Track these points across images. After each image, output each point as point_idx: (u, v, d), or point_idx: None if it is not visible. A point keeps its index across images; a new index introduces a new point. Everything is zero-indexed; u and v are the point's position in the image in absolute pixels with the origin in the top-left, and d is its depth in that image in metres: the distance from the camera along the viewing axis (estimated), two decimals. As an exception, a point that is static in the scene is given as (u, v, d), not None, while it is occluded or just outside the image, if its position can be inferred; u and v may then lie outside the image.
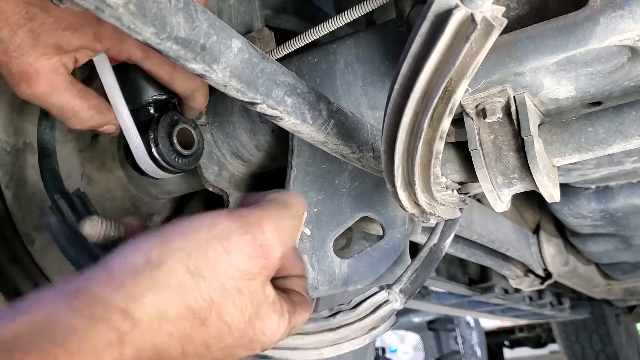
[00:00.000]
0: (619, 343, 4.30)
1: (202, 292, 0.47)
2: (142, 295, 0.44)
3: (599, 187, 1.64)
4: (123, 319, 0.43)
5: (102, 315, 0.43)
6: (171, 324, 0.46)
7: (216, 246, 0.48)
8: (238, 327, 0.50)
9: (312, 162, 0.82)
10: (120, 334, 0.43)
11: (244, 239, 0.49)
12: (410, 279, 0.80)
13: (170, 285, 0.46)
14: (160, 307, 0.45)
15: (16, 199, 0.84)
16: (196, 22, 0.48)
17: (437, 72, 0.50)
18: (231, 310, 0.49)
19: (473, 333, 6.65)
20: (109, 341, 0.42)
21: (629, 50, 0.64)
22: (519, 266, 2.07)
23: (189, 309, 0.46)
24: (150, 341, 0.45)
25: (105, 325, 0.42)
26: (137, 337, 0.44)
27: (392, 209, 0.94)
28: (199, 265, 0.47)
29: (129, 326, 0.43)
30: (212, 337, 0.49)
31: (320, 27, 0.76)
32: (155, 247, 0.47)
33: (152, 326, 0.45)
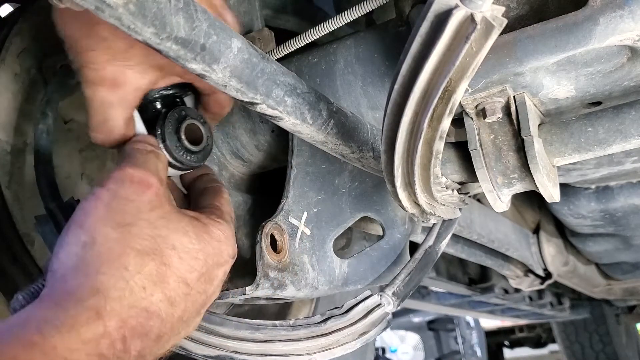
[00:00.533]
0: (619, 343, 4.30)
1: (142, 234, 0.51)
2: (100, 268, 0.48)
3: (599, 187, 1.64)
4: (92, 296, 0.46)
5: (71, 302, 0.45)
6: (138, 276, 0.49)
7: (116, 203, 0.53)
8: (194, 246, 0.54)
9: (312, 162, 0.82)
10: (96, 309, 0.45)
11: (127, 184, 0.55)
12: (403, 282, 0.80)
13: (110, 248, 0.49)
14: (118, 267, 0.48)
15: (16, 199, 0.84)
16: (196, 22, 0.48)
17: (437, 72, 0.50)
18: (173, 237, 0.53)
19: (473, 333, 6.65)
20: (86, 318, 0.45)
21: (628, 50, 0.64)
22: (519, 266, 2.07)
23: (140, 253, 0.50)
24: (130, 303, 0.48)
25: (78, 307, 0.45)
26: (114, 305, 0.46)
27: (392, 209, 0.94)
28: (118, 219, 0.52)
29: (101, 300, 0.46)
30: (181, 269, 0.52)
31: (320, 27, 0.76)
32: (79, 232, 0.51)
33: (122, 290, 0.47)
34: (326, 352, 0.70)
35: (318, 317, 0.72)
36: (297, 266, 0.75)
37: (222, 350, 0.65)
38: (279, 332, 0.69)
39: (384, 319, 0.76)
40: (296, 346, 0.68)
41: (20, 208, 0.85)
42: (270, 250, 0.71)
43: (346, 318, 0.73)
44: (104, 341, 0.45)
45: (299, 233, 0.77)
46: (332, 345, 0.71)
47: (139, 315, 0.48)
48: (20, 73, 0.84)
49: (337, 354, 0.71)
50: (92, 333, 0.45)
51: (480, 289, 2.56)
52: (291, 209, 0.77)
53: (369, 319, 0.74)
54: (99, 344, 0.45)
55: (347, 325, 0.72)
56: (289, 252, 0.74)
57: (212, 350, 0.64)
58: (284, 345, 0.68)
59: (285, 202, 0.76)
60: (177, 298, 0.52)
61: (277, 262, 0.72)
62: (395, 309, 0.77)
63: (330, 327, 0.71)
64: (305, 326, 0.70)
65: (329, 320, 0.72)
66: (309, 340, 0.69)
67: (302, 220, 0.78)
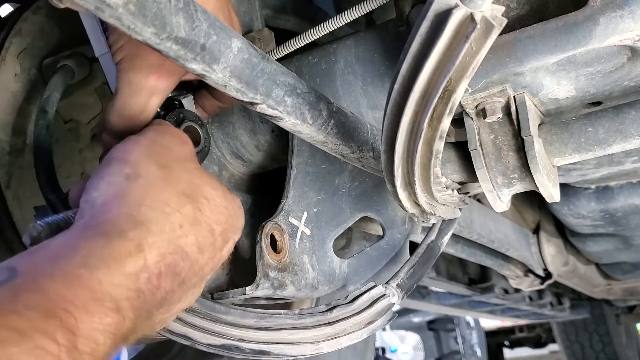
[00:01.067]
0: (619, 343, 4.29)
1: (178, 176, 0.53)
2: (141, 200, 0.49)
3: (599, 187, 1.64)
4: (135, 227, 0.46)
5: (114, 232, 0.45)
6: (177, 214, 0.50)
7: (157, 147, 0.55)
8: (222, 203, 0.56)
9: (312, 162, 0.82)
10: (138, 241, 0.45)
11: (166, 136, 0.58)
12: (407, 274, 0.80)
13: (155, 182, 0.51)
14: (160, 202, 0.49)
15: (16, 199, 0.84)
16: (196, 22, 0.48)
17: (436, 72, 0.50)
18: (207, 189, 0.55)
19: (473, 333, 6.65)
20: (128, 251, 0.44)
21: (629, 50, 0.64)
22: (519, 266, 2.07)
23: (181, 193, 0.52)
24: (168, 238, 0.48)
25: (120, 239, 0.45)
26: (155, 239, 0.47)
27: (392, 209, 0.94)
28: (161, 161, 0.54)
29: (144, 232, 0.46)
30: (210, 219, 0.54)
31: (320, 27, 0.76)
32: (122, 166, 0.52)
33: (163, 224, 0.48)
34: (333, 340, 0.69)
35: (323, 306, 0.72)
36: (297, 266, 0.75)
37: (228, 339, 0.64)
38: (285, 320, 0.68)
39: (389, 309, 0.76)
40: (302, 335, 0.68)
41: (20, 208, 0.85)
42: (270, 250, 0.71)
43: (352, 307, 0.72)
44: (143, 275, 0.45)
45: (299, 233, 0.77)
46: (339, 334, 0.70)
47: (175, 252, 0.49)
48: (20, 73, 0.84)
49: (343, 343, 0.70)
50: (134, 266, 0.45)
51: (480, 289, 2.56)
52: (291, 209, 0.77)
53: (375, 309, 0.74)
54: (138, 279, 0.45)
55: (353, 314, 0.72)
56: (289, 252, 0.74)
57: (217, 339, 0.64)
58: (290, 333, 0.67)
59: (285, 202, 0.76)
60: (205, 245, 0.53)
61: (277, 262, 0.72)
62: (399, 300, 0.77)
63: (336, 316, 0.71)
64: (311, 315, 0.70)
65: (335, 309, 0.71)
66: (315, 329, 0.69)
67: (302, 220, 0.78)
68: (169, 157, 0.55)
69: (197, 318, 0.65)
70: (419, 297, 2.96)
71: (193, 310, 0.66)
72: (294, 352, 0.67)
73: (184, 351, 1.28)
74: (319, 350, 0.68)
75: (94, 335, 0.40)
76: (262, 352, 0.66)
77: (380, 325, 0.74)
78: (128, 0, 0.43)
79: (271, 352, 0.66)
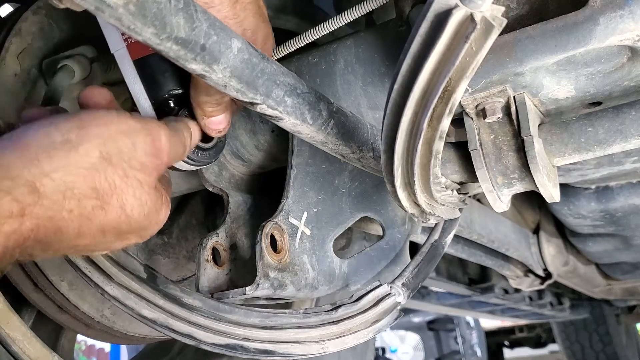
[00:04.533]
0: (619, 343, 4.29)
1: (107, 176, 0.52)
2: (54, 170, 0.49)
3: (599, 187, 1.64)
4: (28, 192, 0.47)
5: (8, 187, 0.46)
6: (74, 202, 0.50)
7: (125, 139, 0.54)
8: (137, 220, 0.56)
9: (312, 162, 0.82)
10: (23, 207, 0.46)
11: (146, 139, 0.56)
12: (412, 274, 0.80)
13: (82, 165, 0.51)
14: (68, 184, 0.49)
15: (16, 199, 0.84)
16: (196, 23, 0.48)
17: (436, 72, 0.50)
18: (131, 201, 0.54)
19: (473, 333, 6.65)
20: (9, 212, 0.45)
21: (628, 50, 0.64)
22: (519, 266, 2.07)
23: (93, 190, 0.51)
24: (51, 215, 0.48)
25: (9, 197, 0.46)
26: (38, 210, 0.47)
27: (392, 209, 0.94)
28: (110, 152, 0.53)
29: (32, 200, 0.47)
30: (109, 224, 0.53)
31: (320, 27, 0.76)
32: (75, 129, 0.52)
33: (55, 202, 0.48)
34: (338, 340, 0.69)
35: (328, 305, 0.72)
36: (297, 266, 0.75)
37: (232, 338, 0.64)
38: (290, 319, 0.68)
39: (394, 308, 0.75)
40: (308, 334, 0.68)
41: (20, 208, 0.85)
42: (270, 251, 0.71)
43: (357, 306, 0.72)
44: (13, 237, 0.46)
45: (299, 233, 0.77)
46: (345, 333, 0.70)
47: (50, 227, 0.49)
48: (20, 73, 0.84)
49: (349, 343, 0.69)
50: (10, 227, 0.46)
51: (480, 289, 2.56)
52: (291, 209, 0.77)
53: (380, 308, 0.73)
54: (8, 238, 0.46)
55: (358, 313, 0.71)
56: (289, 252, 0.74)
57: (222, 339, 0.64)
58: (295, 332, 0.67)
59: (285, 202, 0.76)
60: (87, 235, 0.53)
61: (277, 262, 0.72)
62: (405, 300, 0.77)
63: (342, 315, 0.70)
64: (316, 314, 0.70)
65: (340, 308, 0.71)
66: (321, 328, 0.68)
67: (302, 221, 0.78)
68: (121, 155, 0.54)
69: (201, 317, 0.65)
70: (419, 297, 2.96)
71: (197, 309, 0.66)
72: (299, 351, 0.67)
73: (184, 351, 1.28)
74: (324, 349, 0.68)
75: None
76: (267, 352, 0.65)
77: (386, 324, 0.74)
78: (128, 0, 0.43)
79: (276, 352, 0.65)
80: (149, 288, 0.67)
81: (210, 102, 0.67)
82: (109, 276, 0.67)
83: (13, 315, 0.77)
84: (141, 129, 0.56)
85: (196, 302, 0.67)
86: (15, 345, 0.76)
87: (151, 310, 0.65)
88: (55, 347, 1.01)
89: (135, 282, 0.67)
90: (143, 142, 0.56)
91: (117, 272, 0.67)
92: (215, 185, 0.85)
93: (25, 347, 0.77)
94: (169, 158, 0.60)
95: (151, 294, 0.66)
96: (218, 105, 0.68)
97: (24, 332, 0.77)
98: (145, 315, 0.65)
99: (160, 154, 0.58)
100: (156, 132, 0.58)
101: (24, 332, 0.77)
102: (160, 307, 0.65)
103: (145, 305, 0.65)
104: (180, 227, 1.12)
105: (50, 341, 0.99)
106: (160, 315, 0.65)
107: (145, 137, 0.56)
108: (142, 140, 0.56)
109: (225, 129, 0.71)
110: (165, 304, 0.66)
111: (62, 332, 1.03)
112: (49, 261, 0.87)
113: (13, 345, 0.75)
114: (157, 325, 0.64)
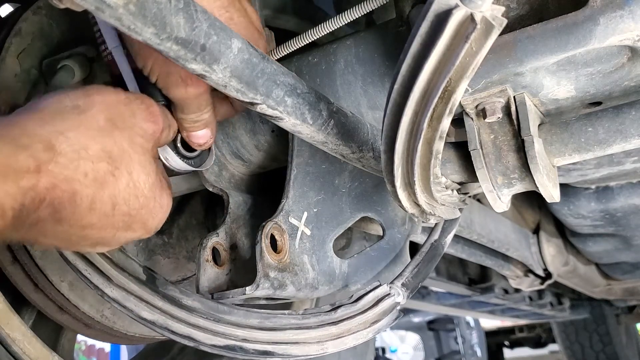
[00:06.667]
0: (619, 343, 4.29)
1: (117, 139, 0.54)
2: (68, 130, 0.51)
3: (599, 187, 1.64)
4: (45, 149, 0.48)
5: (25, 144, 0.47)
6: (89, 163, 0.51)
7: (124, 107, 0.58)
8: (143, 191, 0.57)
9: (312, 162, 0.82)
10: (39, 163, 0.47)
11: (141, 106, 0.60)
12: (412, 273, 0.80)
13: (93, 127, 0.53)
14: (82, 143, 0.51)
15: (16, 199, 0.84)
16: (196, 23, 0.48)
17: (436, 72, 0.50)
18: (138, 168, 0.56)
19: (473, 333, 6.65)
20: (27, 167, 0.46)
21: (629, 50, 0.64)
22: (519, 266, 2.07)
23: (105, 151, 0.53)
24: (67, 176, 0.49)
25: (26, 152, 0.46)
26: (55, 168, 0.48)
27: (392, 209, 0.94)
28: (115, 117, 0.55)
29: (48, 157, 0.48)
30: (120, 194, 0.54)
31: (320, 27, 0.76)
32: (81, 96, 0.55)
33: (71, 161, 0.49)
34: (338, 340, 0.69)
35: (328, 306, 0.72)
36: (297, 266, 0.75)
37: (231, 339, 0.64)
38: (289, 320, 0.68)
39: (394, 308, 0.75)
40: (307, 335, 0.67)
41: (20, 208, 0.85)
42: (270, 251, 0.71)
43: (356, 307, 0.72)
44: (30, 193, 0.46)
45: (299, 233, 0.77)
46: (344, 334, 0.70)
47: (66, 190, 0.49)
48: (20, 73, 0.84)
49: (349, 343, 0.69)
50: (27, 182, 0.46)
51: (480, 289, 2.56)
52: (291, 209, 0.77)
53: (380, 308, 0.73)
54: (25, 195, 0.46)
55: (358, 313, 0.71)
56: (289, 252, 0.74)
57: (221, 340, 0.64)
58: (294, 333, 0.67)
59: (285, 202, 0.76)
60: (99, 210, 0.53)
61: (277, 262, 0.72)
62: (405, 300, 0.76)
63: (341, 315, 0.70)
64: (315, 315, 0.70)
65: (339, 308, 0.71)
66: (320, 329, 0.68)
67: (302, 221, 0.78)
68: (124, 121, 0.56)
69: (200, 319, 0.65)
70: (419, 297, 2.96)
71: (196, 310, 0.65)
72: (299, 352, 0.67)
73: (184, 351, 1.28)
74: (324, 350, 0.68)
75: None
76: (266, 353, 0.65)
77: (386, 324, 0.74)
78: (128, 0, 0.43)
79: (275, 353, 0.65)
80: (148, 290, 0.67)
81: (187, 120, 0.69)
82: (108, 278, 0.67)
83: (13, 315, 0.77)
84: (135, 98, 0.60)
85: (195, 303, 0.67)
86: (15, 345, 0.76)
87: (150, 312, 0.65)
88: (55, 347, 1.01)
89: (134, 283, 0.67)
90: (139, 109, 0.59)
91: (116, 274, 0.67)
92: (215, 185, 0.85)
93: (25, 347, 0.77)
94: (163, 124, 0.62)
95: (150, 295, 0.66)
96: (195, 123, 0.69)
97: (24, 332, 0.77)
98: (145, 317, 0.65)
99: (157, 119, 0.61)
100: (149, 101, 0.62)
101: (24, 332, 0.77)
102: (160, 309, 0.65)
103: (145, 307, 0.65)
104: (180, 227, 1.12)
105: (50, 341, 0.99)
106: (159, 316, 0.65)
107: (140, 104, 0.60)
108: (138, 108, 0.59)
109: (208, 143, 0.72)
110: (165, 305, 0.66)
111: (62, 332, 1.03)
112: (49, 261, 0.87)
113: (13, 345, 0.75)
114: (156, 327, 0.64)
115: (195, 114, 0.68)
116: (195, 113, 0.68)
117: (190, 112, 0.68)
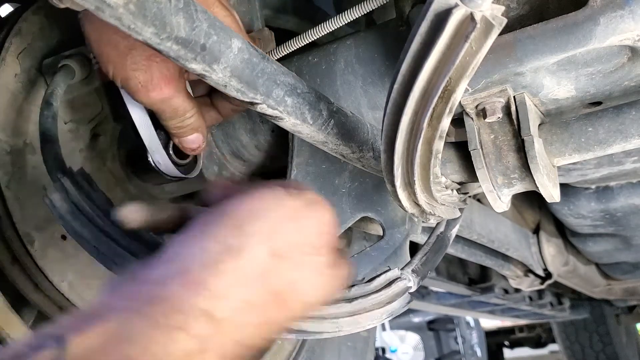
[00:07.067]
0: (619, 343, 4.29)
1: (283, 273, 0.45)
2: (227, 291, 0.42)
3: (599, 187, 1.64)
4: (206, 322, 0.40)
5: (181, 323, 0.39)
6: (256, 314, 0.43)
7: (289, 225, 0.47)
8: (312, 305, 0.50)
9: (312, 162, 0.82)
10: (202, 341, 0.40)
11: (311, 216, 0.50)
12: (421, 261, 0.80)
13: (255, 272, 0.44)
14: (247, 298, 0.42)
15: (16, 199, 0.84)
16: (196, 22, 0.48)
17: (436, 72, 0.50)
18: (309, 291, 0.48)
19: (473, 333, 6.65)
20: (188, 351, 0.39)
21: (629, 50, 0.64)
22: (519, 266, 2.07)
23: (273, 294, 0.44)
24: (235, 339, 0.42)
25: (184, 334, 0.39)
26: (220, 339, 0.41)
27: (392, 209, 0.94)
28: (277, 246, 0.45)
29: (211, 330, 0.40)
30: (289, 317, 0.48)
31: (320, 27, 0.76)
32: (230, 232, 0.45)
33: (237, 323, 0.42)
34: (351, 319, 0.67)
35: None
36: (297, 266, 0.75)
37: None
38: None
39: (405, 292, 0.75)
40: (321, 310, 0.66)
41: (20, 208, 0.85)
42: (270, 250, 0.71)
43: (370, 286, 0.70)
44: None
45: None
46: (359, 312, 0.68)
47: (235, 354, 0.43)
48: (20, 73, 0.84)
49: (363, 323, 0.68)
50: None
51: (480, 289, 2.56)
52: (291, 208, 0.76)
53: (392, 290, 0.72)
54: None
55: (371, 292, 0.70)
56: (289, 252, 0.74)
57: None
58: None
59: (285, 202, 0.76)
60: (269, 335, 0.47)
61: (277, 262, 0.71)
62: (416, 286, 0.76)
63: (355, 293, 0.69)
64: None
65: (353, 287, 0.70)
66: (334, 306, 0.67)
67: (302, 220, 0.78)
68: (290, 245, 0.47)
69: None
70: (419, 297, 2.96)
71: None
72: (313, 328, 0.65)
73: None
74: (338, 328, 0.66)
75: None
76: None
77: (399, 307, 0.72)
78: (128, 0, 0.43)
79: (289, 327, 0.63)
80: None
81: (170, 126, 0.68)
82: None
83: (13, 315, 0.77)
84: (302, 207, 0.50)
85: None
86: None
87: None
88: (55, 347, 1.00)
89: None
90: (308, 222, 0.49)
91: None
92: (215, 185, 0.84)
93: (25, 347, 0.76)
94: (336, 228, 0.53)
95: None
96: (180, 129, 0.68)
97: (24, 332, 0.77)
98: None
99: (329, 228, 0.51)
100: (320, 206, 0.51)
101: (24, 332, 0.77)
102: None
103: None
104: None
105: (50, 341, 0.99)
106: None
107: (308, 215, 0.50)
108: (307, 221, 0.49)
109: (200, 148, 0.70)
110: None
111: (62, 332, 1.03)
112: (49, 261, 0.87)
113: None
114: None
115: (175, 119, 0.65)
116: (174, 119, 0.65)
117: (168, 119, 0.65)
